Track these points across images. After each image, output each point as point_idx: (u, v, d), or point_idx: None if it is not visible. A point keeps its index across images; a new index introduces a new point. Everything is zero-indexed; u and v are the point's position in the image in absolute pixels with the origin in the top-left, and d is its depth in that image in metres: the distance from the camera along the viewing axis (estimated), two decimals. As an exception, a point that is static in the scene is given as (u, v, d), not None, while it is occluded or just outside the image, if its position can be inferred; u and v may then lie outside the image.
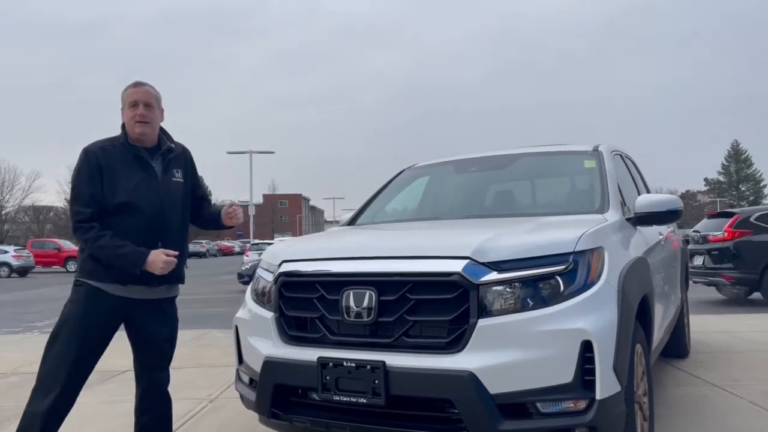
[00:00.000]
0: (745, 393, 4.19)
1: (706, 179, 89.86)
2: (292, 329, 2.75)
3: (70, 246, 35.76)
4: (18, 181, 58.34)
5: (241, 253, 61.48)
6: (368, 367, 2.45)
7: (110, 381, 5.16)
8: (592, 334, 2.34)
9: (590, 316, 2.39)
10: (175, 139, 2.89)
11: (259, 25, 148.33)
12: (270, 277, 2.91)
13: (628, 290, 2.61)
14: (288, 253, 2.92)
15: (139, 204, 2.62)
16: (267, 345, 2.78)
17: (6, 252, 30.03)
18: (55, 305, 14.06)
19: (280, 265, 2.87)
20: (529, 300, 2.42)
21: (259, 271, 3.14)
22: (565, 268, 2.46)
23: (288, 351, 2.69)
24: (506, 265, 2.45)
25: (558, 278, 2.45)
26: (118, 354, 3.42)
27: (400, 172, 4.49)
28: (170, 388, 4.90)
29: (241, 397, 3.10)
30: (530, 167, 4.08)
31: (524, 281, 2.44)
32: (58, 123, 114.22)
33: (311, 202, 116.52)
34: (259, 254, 27.01)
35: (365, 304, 2.51)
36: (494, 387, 2.31)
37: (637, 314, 2.83)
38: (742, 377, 4.66)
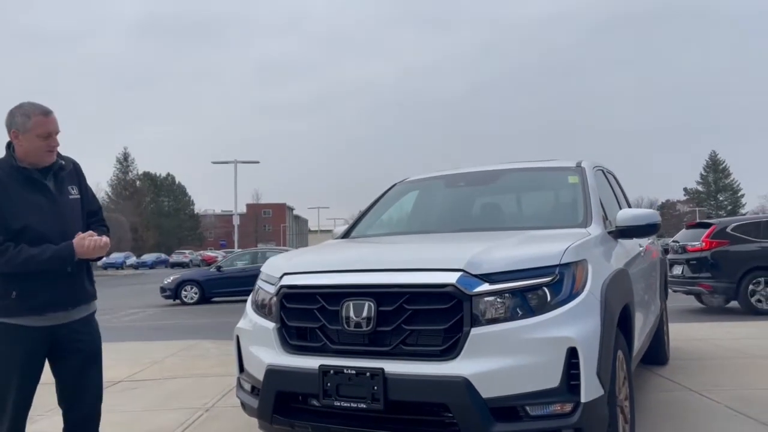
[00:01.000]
0: (720, 397, 4.39)
1: (685, 189, 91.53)
2: (293, 339, 2.88)
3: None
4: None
5: (225, 263, 61.07)
6: (368, 374, 2.58)
7: (105, 391, 5.22)
8: (577, 341, 2.50)
9: (575, 324, 2.55)
10: (159, 147, 2.80)
11: (242, 34, 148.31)
12: (271, 289, 3.04)
13: (610, 300, 2.79)
14: (289, 266, 3.06)
15: (39, 228, 2.54)
16: (269, 354, 2.91)
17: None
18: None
19: (281, 277, 3.00)
20: (518, 309, 2.58)
21: (260, 283, 3.26)
22: (552, 280, 2.63)
23: (290, 359, 2.82)
24: (497, 277, 2.62)
25: (545, 289, 2.62)
26: (113, 365, 3.44)
27: (392, 187, 4.65)
28: (166, 398, 5.00)
29: (243, 404, 3.21)
30: (517, 182, 4.26)
31: (514, 292, 2.60)
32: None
33: (295, 212, 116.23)
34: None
35: (364, 314, 2.65)
36: (487, 392, 2.46)
37: (618, 323, 3.01)
38: (719, 383, 4.86)
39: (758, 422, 3.83)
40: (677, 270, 10.98)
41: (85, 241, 2.56)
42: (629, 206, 4.98)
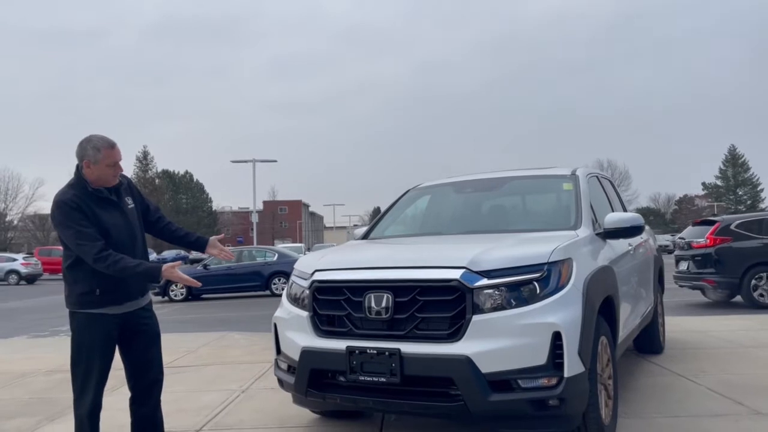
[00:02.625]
0: (705, 381, 4.86)
1: (703, 183, 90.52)
2: (324, 325, 3.42)
3: (76, 253, 36.42)
4: (21, 189, 59.07)
5: (243, 259, 62.09)
6: (387, 353, 3.12)
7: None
8: (561, 326, 3.02)
9: (560, 312, 3.07)
10: (177, 144, 3.36)
11: (256, 31, 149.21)
12: (305, 284, 3.58)
13: (591, 292, 3.29)
14: (319, 264, 3.60)
15: (116, 233, 3.12)
16: (303, 338, 3.45)
17: (15, 260, 30.70)
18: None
19: (312, 273, 3.55)
20: (512, 300, 3.10)
21: (293, 278, 3.81)
22: (541, 275, 3.14)
23: (321, 342, 3.36)
24: (495, 273, 3.14)
25: (535, 283, 3.13)
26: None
27: (406, 192, 5.18)
28: (206, 382, 5.58)
29: (280, 381, 3.75)
30: (518, 189, 4.77)
31: (509, 285, 3.12)
32: (61, 130, 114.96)
33: (311, 209, 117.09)
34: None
35: (383, 304, 3.19)
36: (485, 367, 2.98)
37: (602, 312, 3.52)
38: (705, 369, 5.33)
39: (734, 401, 4.30)
40: (683, 266, 11.38)
41: (173, 271, 3.14)
42: (623, 208, 5.46)
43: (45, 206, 65.99)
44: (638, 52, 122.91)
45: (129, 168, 78.95)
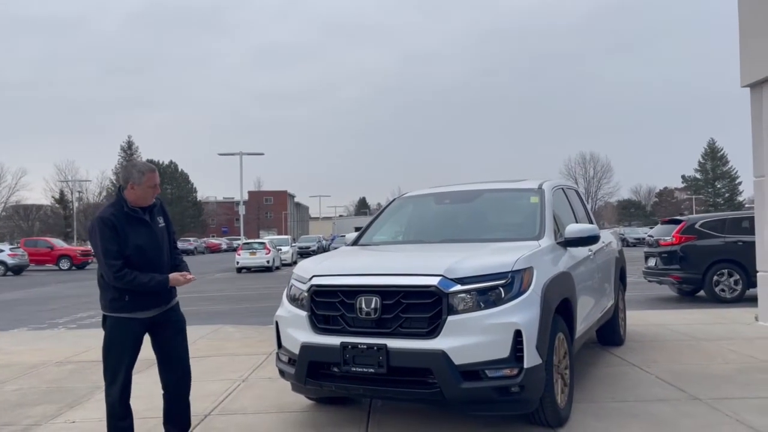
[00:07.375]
0: (655, 370, 5.49)
1: (683, 176, 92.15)
2: (320, 323, 3.97)
3: (62, 244, 36.56)
4: (4, 178, 58.67)
5: (228, 250, 62.42)
6: (375, 348, 3.67)
7: (154, 367, 6.33)
8: (522, 325, 3.60)
9: (521, 313, 3.65)
10: (161, 134, 3.78)
11: (241, 20, 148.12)
12: (303, 287, 4.12)
13: (549, 296, 3.88)
14: (317, 269, 4.15)
15: (144, 248, 3.57)
16: (303, 334, 3.99)
17: (2, 251, 30.77)
18: (64, 303, 15.14)
19: (310, 278, 4.09)
20: (481, 303, 3.67)
21: (293, 281, 4.35)
22: (506, 282, 3.72)
23: (318, 338, 3.91)
24: (467, 280, 3.71)
25: (501, 288, 3.71)
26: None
27: (392, 201, 5.74)
28: (207, 372, 6.09)
29: (281, 371, 4.29)
30: (490, 201, 5.35)
31: (479, 290, 3.69)
32: (43, 119, 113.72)
33: (296, 199, 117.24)
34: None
35: (372, 306, 3.74)
36: (458, 360, 3.55)
37: (560, 312, 4.11)
38: (657, 359, 5.96)
39: (677, 389, 4.92)
40: (651, 262, 12.09)
41: (180, 279, 3.67)
42: (588, 217, 6.07)
43: (28, 196, 65.59)
44: (620, 44, 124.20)
45: (113, 158, 78.56)
